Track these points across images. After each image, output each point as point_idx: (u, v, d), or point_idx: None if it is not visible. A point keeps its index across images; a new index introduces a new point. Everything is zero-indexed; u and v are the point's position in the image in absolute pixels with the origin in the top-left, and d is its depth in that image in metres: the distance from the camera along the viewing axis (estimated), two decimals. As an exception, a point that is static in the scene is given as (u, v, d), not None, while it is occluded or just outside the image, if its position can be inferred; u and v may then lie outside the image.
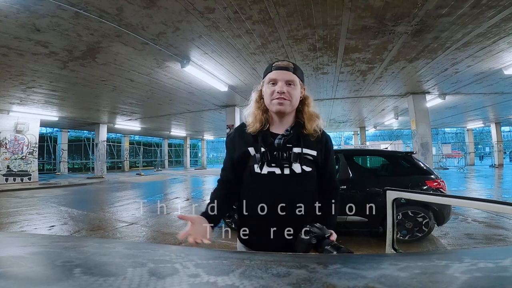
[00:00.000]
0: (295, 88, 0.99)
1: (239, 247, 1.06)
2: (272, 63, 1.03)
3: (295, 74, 1.00)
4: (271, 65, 1.02)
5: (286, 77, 0.98)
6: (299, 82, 1.01)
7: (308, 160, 0.99)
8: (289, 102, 0.97)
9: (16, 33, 3.88)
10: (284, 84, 0.98)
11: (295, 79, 0.99)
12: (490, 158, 19.64)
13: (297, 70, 1.01)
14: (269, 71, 1.01)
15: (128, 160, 21.90)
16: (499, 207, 0.89)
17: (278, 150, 0.98)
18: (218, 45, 4.53)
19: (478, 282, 0.28)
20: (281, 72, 0.99)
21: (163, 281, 0.29)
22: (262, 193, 0.96)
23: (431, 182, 3.46)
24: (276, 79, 0.98)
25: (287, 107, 0.98)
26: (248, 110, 1.07)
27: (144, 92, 7.61)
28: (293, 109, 1.02)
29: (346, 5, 3.39)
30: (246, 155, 1.01)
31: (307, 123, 1.02)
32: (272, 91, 0.98)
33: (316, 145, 1.02)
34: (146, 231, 4.19)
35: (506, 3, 3.32)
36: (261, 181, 0.96)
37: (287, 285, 0.29)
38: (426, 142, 8.08)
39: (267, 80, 1.01)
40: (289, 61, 1.02)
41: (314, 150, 1.00)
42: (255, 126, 1.00)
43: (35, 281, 0.30)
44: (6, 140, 9.98)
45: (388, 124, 16.29)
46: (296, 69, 1.01)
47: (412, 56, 5.15)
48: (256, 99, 1.06)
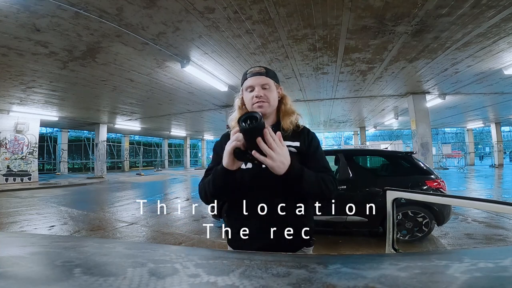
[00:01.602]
0: (270, 90, 1.06)
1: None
2: (246, 70, 1.09)
3: (268, 77, 1.07)
4: (245, 73, 1.09)
5: (260, 81, 1.05)
6: (273, 84, 1.08)
7: (292, 153, 0.97)
8: (267, 104, 1.04)
9: (16, 33, 3.88)
10: (261, 88, 1.04)
11: (269, 82, 1.06)
12: (490, 158, 19.65)
13: (269, 73, 1.08)
14: (245, 78, 1.08)
15: (128, 160, 21.90)
16: (499, 207, 0.89)
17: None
18: (218, 45, 4.53)
19: (478, 282, 0.28)
20: (255, 78, 1.05)
21: (163, 281, 0.29)
22: (248, 188, 0.98)
23: (431, 182, 3.46)
24: (252, 85, 1.05)
25: (267, 109, 1.05)
26: (232, 116, 1.14)
27: (144, 92, 7.62)
28: (273, 109, 1.09)
29: (346, 5, 3.39)
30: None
31: (282, 119, 1.08)
32: (251, 97, 1.05)
33: (298, 137, 1.06)
34: (146, 231, 4.19)
35: (506, 3, 3.32)
36: (246, 175, 0.98)
37: (287, 285, 0.29)
38: (426, 142, 8.08)
39: (245, 87, 1.08)
40: (261, 66, 1.09)
41: (296, 142, 1.04)
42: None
43: (35, 281, 0.30)
44: (6, 140, 9.98)
45: (388, 124, 16.29)
46: (268, 72, 1.08)
47: (412, 56, 5.15)
48: (239, 105, 1.14)
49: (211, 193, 0.96)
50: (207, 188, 0.97)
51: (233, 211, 1.04)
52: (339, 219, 3.28)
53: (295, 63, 5.51)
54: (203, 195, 1.01)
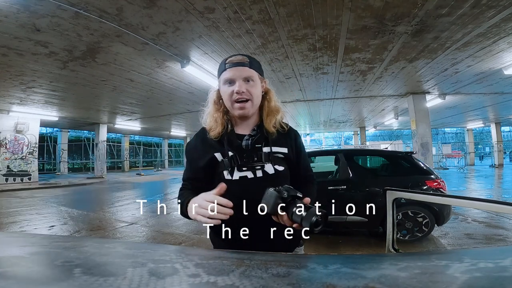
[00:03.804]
0: (254, 85, 0.90)
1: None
2: (225, 59, 0.91)
3: (252, 69, 0.89)
4: (224, 62, 0.90)
5: (243, 73, 0.88)
6: (258, 77, 0.92)
7: (280, 159, 0.93)
8: (250, 103, 0.89)
9: (16, 33, 3.88)
10: (242, 82, 0.88)
11: (253, 74, 0.90)
12: (490, 158, 19.63)
13: (254, 64, 0.91)
14: (224, 69, 0.90)
15: (128, 160, 21.89)
16: (499, 207, 0.89)
17: (247, 152, 0.90)
18: (218, 45, 4.53)
19: (478, 282, 0.28)
20: (236, 69, 0.88)
21: (163, 281, 0.29)
22: (235, 201, 0.82)
23: (431, 182, 3.46)
24: (232, 78, 0.88)
25: (250, 110, 0.90)
26: (206, 113, 0.98)
27: (144, 92, 7.62)
28: (256, 107, 0.93)
29: (346, 5, 3.39)
30: (213, 162, 0.91)
31: (266, 119, 0.94)
32: (231, 92, 0.88)
33: (285, 141, 0.95)
34: (146, 231, 4.19)
35: (506, 3, 3.31)
36: (233, 188, 0.84)
37: (287, 285, 0.29)
38: (426, 142, 8.08)
39: (223, 80, 0.90)
40: (244, 55, 0.91)
41: (284, 147, 0.94)
42: (217, 130, 0.92)
43: (35, 281, 0.30)
44: (6, 140, 9.98)
45: (388, 124, 16.29)
46: (252, 62, 0.90)
47: (412, 56, 5.15)
48: (215, 100, 0.97)
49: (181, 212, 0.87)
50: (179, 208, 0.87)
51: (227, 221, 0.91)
52: (339, 219, 3.27)
53: (295, 63, 5.51)
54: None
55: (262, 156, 0.90)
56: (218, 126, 0.92)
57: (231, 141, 0.92)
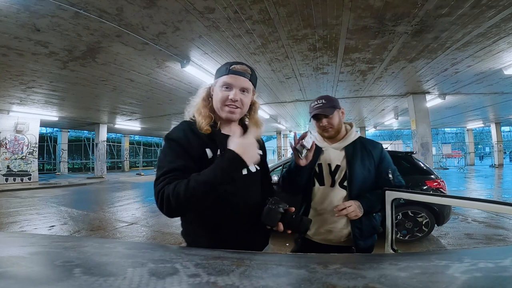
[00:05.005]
0: (248, 96, 0.96)
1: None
2: (229, 64, 0.95)
3: (250, 81, 0.95)
4: (227, 67, 0.94)
5: (242, 84, 0.93)
6: (252, 90, 0.98)
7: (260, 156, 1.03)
8: (240, 110, 0.94)
9: (16, 33, 3.88)
10: (239, 91, 0.92)
11: (250, 87, 0.96)
12: (490, 158, 19.64)
13: (253, 77, 0.97)
14: (225, 73, 0.94)
15: (128, 160, 21.88)
16: (499, 207, 0.89)
17: None
18: (218, 45, 4.53)
19: (478, 282, 0.28)
20: (237, 77, 0.92)
21: (163, 281, 0.29)
22: (228, 195, 0.91)
23: (431, 182, 3.46)
24: (231, 84, 0.92)
25: (237, 116, 0.96)
26: (194, 107, 1.00)
27: (144, 92, 7.61)
28: (242, 115, 1.01)
29: (346, 5, 3.39)
30: (203, 156, 0.90)
31: (251, 128, 1.04)
32: (225, 97, 0.92)
33: (259, 145, 1.04)
34: (146, 231, 4.19)
35: (506, 3, 3.31)
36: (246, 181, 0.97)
37: (287, 285, 0.29)
38: (426, 142, 8.08)
39: (221, 83, 0.93)
40: (247, 66, 0.96)
41: (260, 150, 1.03)
42: (207, 127, 0.93)
43: (35, 281, 0.30)
44: (6, 140, 9.98)
45: (388, 124, 16.28)
46: (252, 75, 0.96)
47: (412, 56, 5.15)
48: (204, 97, 1.00)
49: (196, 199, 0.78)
50: (191, 194, 0.77)
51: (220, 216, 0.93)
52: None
53: (295, 63, 5.50)
54: (175, 204, 0.78)
55: None
56: (206, 124, 0.94)
57: (222, 139, 0.94)
